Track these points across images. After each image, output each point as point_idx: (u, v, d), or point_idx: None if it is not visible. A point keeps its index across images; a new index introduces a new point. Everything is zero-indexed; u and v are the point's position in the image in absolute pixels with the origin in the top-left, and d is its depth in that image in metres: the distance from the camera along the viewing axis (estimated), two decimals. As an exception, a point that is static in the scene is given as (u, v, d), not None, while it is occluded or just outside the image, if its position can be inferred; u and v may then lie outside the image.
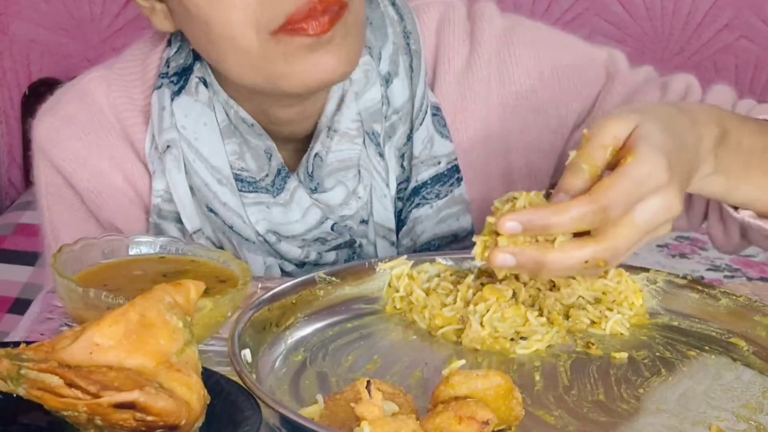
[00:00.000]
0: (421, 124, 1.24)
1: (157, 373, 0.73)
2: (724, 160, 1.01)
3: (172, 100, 1.22)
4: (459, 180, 1.26)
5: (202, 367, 0.77)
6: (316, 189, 1.21)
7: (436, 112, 1.25)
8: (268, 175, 1.21)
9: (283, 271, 1.24)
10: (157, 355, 0.74)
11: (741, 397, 0.89)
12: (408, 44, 1.24)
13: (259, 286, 1.06)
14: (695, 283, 1.04)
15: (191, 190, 1.22)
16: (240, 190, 1.21)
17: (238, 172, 1.21)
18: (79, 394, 0.70)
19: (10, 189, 2.98)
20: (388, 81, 1.22)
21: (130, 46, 1.31)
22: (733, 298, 1.01)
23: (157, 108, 1.23)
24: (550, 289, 1.02)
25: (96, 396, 0.70)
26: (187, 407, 0.72)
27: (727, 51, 2.87)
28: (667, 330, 1.01)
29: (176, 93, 1.22)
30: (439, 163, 1.25)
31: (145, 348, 0.74)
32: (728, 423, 0.84)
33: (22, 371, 0.71)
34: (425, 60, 1.25)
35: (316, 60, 1.09)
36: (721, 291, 1.02)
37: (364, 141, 1.21)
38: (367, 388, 0.73)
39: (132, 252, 0.97)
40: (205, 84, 1.21)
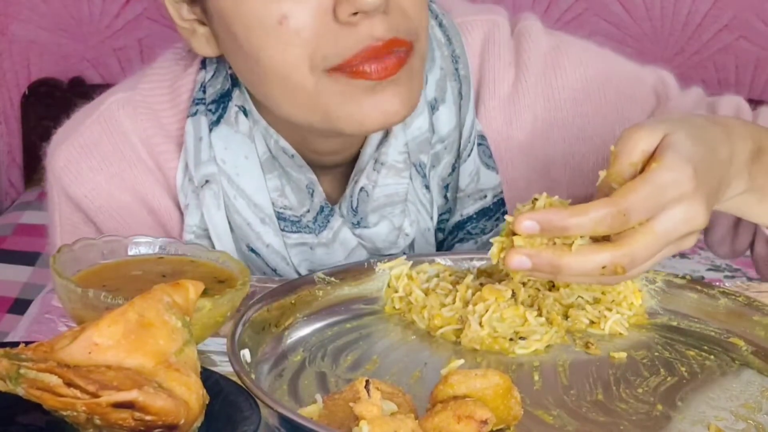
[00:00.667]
0: (469, 156, 1.18)
1: (155, 373, 0.73)
2: (759, 178, 0.98)
3: (210, 130, 1.14)
4: (504, 213, 1.20)
5: (201, 367, 0.77)
6: (359, 224, 1.16)
7: (482, 142, 1.20)
8: (309, 211, 1.15)
9: None
10: (156, 355, 0.74)
11: (740, 397, 0.89)
12: (456, 69, 1.18)
13: (258, 287, 1.06)
14: (694, 283, 1.04)
15: (230, 226, 1.16)
16: (283, 230, 1.15)
17: (281, 210, 1.15)
18: (78, 394, 0.70)
19: (10, 189, 2.98)
20: (433, 108, 1.16)
21: (153, 63, 1.23)
22: (733, 298, 1.01)
23: (193, 138, 1.15)
24: (549, 289, 1.02)
25: (95, 395, 0.70)
26: (185, 407, 0.72)
27: (727, 51, 2.87)
28: (666, 330, 1.01)
29: (215, 123, 1.14)
30: (485, 197, 1.20)
31: (144, 348, 0.74)
32: (727, 422, 0.84)
33: (21, 371, 0.71)
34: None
35: (377, 103, 1.02)
36: (721, 291, 1.02)
37: (411, 174, 1.15)
38: (366, 387, 0.73)
39: (131, 252, 0.97)
40: (245, 113, 1.14)
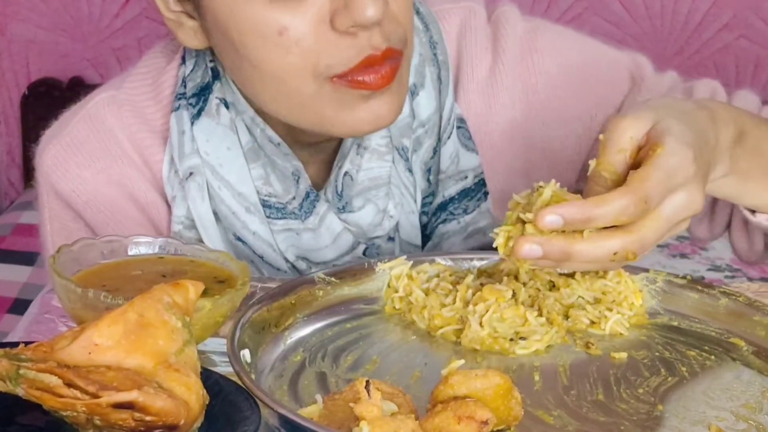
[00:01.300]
0: (449, 138, 1.20)
1: (155, 373, 0.73)
2: (740, 161, 0.99)
3: (192, 123, 1.16)
4: (486, 194, 1.23)
5: (201, 367, 0.77)
6: (344, 208, 1.18)
7: (461, 125, 1.22)
8: (295, 198, 1.17)
9: None
10: (156, 355, 0.74)
11: (740, 397, 0.89)
12: (435, 54, 1.20)
13: (259, 287, 1.06)
14: (695, 283, 1.04)
15: (215, 217, 1.18)
16: (268, 217, 1.17)
17: (266, 198, 1.17)
18: (78, 394, 0.70)
19: (10, 189, 2.98)
20: (413, 93, 1.18)
21: (137, 62, 1.25)
22: (733, 298, 1.01)
23: (176, 132, 1.17)
24: (550, 290, 1.02)
25: (95, 396, 0.70)
26: (186, 407, 0.72)
27: (727, 51, 2.87)
28: (666, 330, 1.01)
29: (195, 116, 1.16)
30: (466, 178, 1.22)
31: (144, 348, 0.74)
32: (728, 423, 0.84)
33: (21, 371, 0.71)
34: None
35: (370, 108, 1.05)
36: (721, 291, 1.02)
37: (393, 157, 1.18)
38: (366, 388, 0.73)
39: (131, 252, 0.97)
40: (226, 105, 1.16)
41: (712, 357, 0.96)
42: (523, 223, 0.88)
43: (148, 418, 0.70)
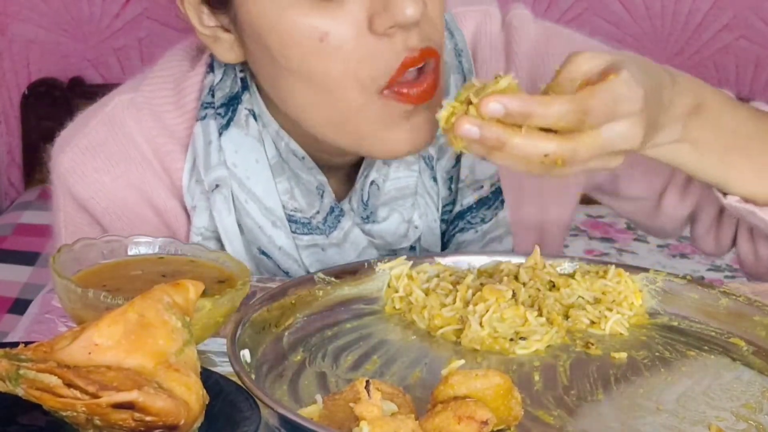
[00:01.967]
0: None
1: (155, 373, 0.73)
2: (694, 131, 1.01)
3: (220, 134, 1.14)
4: (502, 203, 1.22)
5: (201, 367, 0.77)
6: (369, 218, 1.17)
7: None
8: (319, 212, 1.16)
9: None
10: (156, 355, 0.74)
11: (740, 397, 0.89)
12: (460, 62, 1.19)
13: (259, 287, 1.06)
14: (695, 283, 1.04)
15: (240, 229, 1.16)
16: (294, 232, 1.15)
17: (292, 213, 1.15)
18: (78, 394, 0.70)
19: (10, 189, 2.98)
20: None
21: (155, 64, 1.22)
22: (733, 298, 1.01)
23: (202, 142, 1.15)
24: (550, 290, 1.02)
25: (95, 396, 0.70)
26: (186, 407, 0.72)
27: (727, 51, 2.87)
28: (666, 330, 1.01)
29: (224, 126, 1.14)
30: (482, 187, 1.21)
31: (144, 348, 0.74)
32: (728, 423, 0.84)
33: (21, 371, 0.71)
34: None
35: (411, 129, 1.05)
36: (721, 291, 1.02)
37: (420, 166, 1.17)
38: (366, 388, 0.73)
39: (131, 252, 0.97)
40: (254, 116, 1.14)
41: (712, 357, 0.96)
42: (470, 105, 0.90)
43: (148, 418, 0.70)
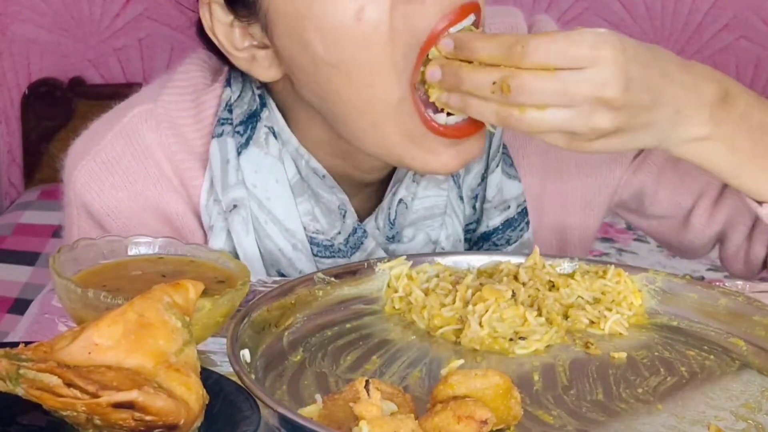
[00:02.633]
0: (497, 166, 1.17)
1: (155, 373, 0.73)
2: (725, 126, 0.98)
3: (239, 153, 1.10)
4: (527, 224, 1.20)
5: (201, 367, 0.77)
6: (394, 238, 1.14)
7: (504, 151, 1.18)
8: (340, 233, 1.13)
9: None
10: (156, 355, 0.74)
11: (740, 397, 0.89)
12: None
13: (259, 287, 1.06)
14: (695, 283, 1.04)
15: (259, 251, 1.12)
16: (315, 255, 1.12)
17: (313, 235, 1.12)
18: (78, 394, 0.70)
19: (10, 189, 2.98)
20: None
21: (173, 72, 1.17)
22: (733, 298, 1.01)
23: (219, 160, 1.10)
24: (549, 290, 1.02)
25: (95, 396, 0.70)
26: (185, 407, 0.72)
27: (727, 51, 2.87)
28: (666, 330, 1.01)
29: (243, 145, 1.10)
30: (509, 208, 1.19)
31: (144, 348, 0.74)
32: (727, 422, 0.84)
33: (21, 371, 0.71)
34: None
35: (458, 153, 1.02)
36: (721, 291, 1.02)
37: (449, 185, 1.14)
38: (365, 387, 0.73)
39: (131, 252, 0.97)
40: (274, 134, 1.10)
41: (712, 357, 0.96)
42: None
43: (148, 418, 0.71)
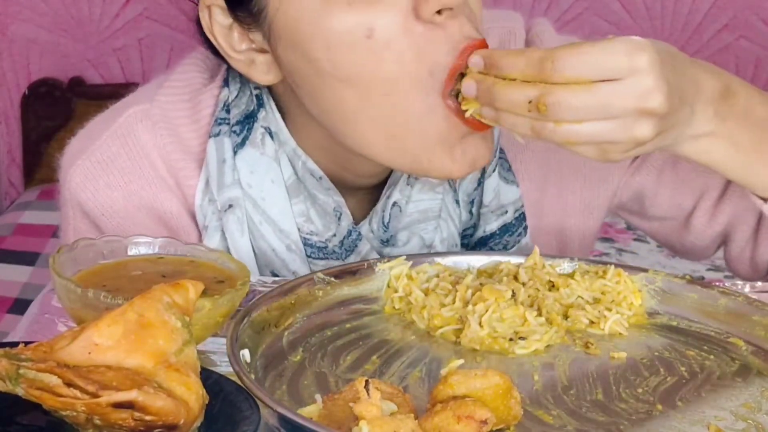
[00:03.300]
0: (493, 171, 1.16)
1: (155, 373, 0.73)
2: (729, 122, 0.97)
3: (235, 152, 1.10)
4: (525, 229, 1.19)
5: (201, 367, 0.77)
6: (388, 242, 1.14)
7: (501, 155, 1.18)
8: (335, 235, 1.13)
9: None
10: (156, 355, 0.74)
11: (740, 397, 0.89)
12: None
13: (259, 287, 1.06)
14: (694, 283, 1.04)
15: (253, 251, 1.12)
16: (309, 256, 1.12)
17: (307, 237, 1.12)
18: (78, 394, 0.70)
19: (10, 189, 2.98)
20: None
21: (170, 73, 1.18)
22: (733, 298, 1.01)
23: (216, 160, 1.11)
24: (549, 290, 1.02)
25: (95, 395, 0.70)
26: (185, 407, 0.72)
27: (727, 51, 2.87)
28: (666, 330, 1.01)
29: (240, 145, 1.10)
30: (506, 212, 1.18)
31: (144, 348, 0.74)
32: (727, 422, 0.84)
33: (21, 371, 0.71)
34: None
35: (468, 150, 1.01)
36: (720, 291, 1.02)
37: (444, 188, 1.14)
38: (365, 387, 0.73)
39: (131, 252, 0.97)
40: (271, 135, 1.10)
41: (712, 357, 0.96)
42: None
43: (148, 418, 0.71)
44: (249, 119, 1.11)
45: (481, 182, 1.17)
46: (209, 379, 0.78)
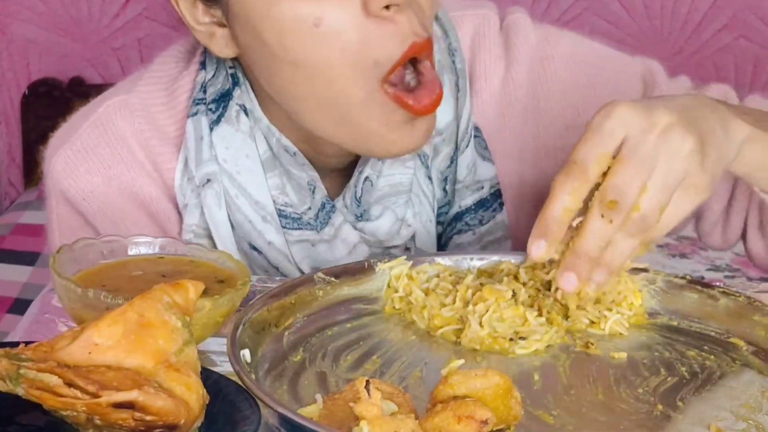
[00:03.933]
0: (467, 147, 1.19)
1: (155, 373, 0.73)
2: (755, 125, 0.97)
3: (211, 129, 1.14)
4: (501, 205, 1.21)
5: (201, 367, 0.77)
6: (362, 216, 1.16)
7: (477, 134, 1.20)
8: (311, 209, 1.15)
9: None
10: (156, 355, 0.74)
11: (740, 397, 0.89)
12: (453, 62, 1.18)
13: (259, 287, 1.06)
14: (695, 282, 1.04)
15: (231, 224, 1.16)
16: (284, 227, 1.15)
17: (282, 208, 1.15)
18: (78, 394, 0.70)
19: (10, 189, 2.98)
20: None
21: (150, 65, 1.22)
22: (733, 298, 1.01)
23: (194, 138, 1.15)
24: (549, 289, 1.01)
25: (95, 395, 0.70)
26: (186, 407, 0.72)
27: (727, 51, 2.87)
28: (666, 330, 1.01)
29: (215, 122, 1.14)
30: (482, 188, 1.21)
31: (144, 348, 0.74)
32: (727, 422, 0.84)
33: (21, 371, 0.71)
34: None
35: (412, 133, 1.05)
36: (721, 291, 1.02)
37: (415, 164, 1.16)
38: (366, 387, 0.73)
39: (131, 252, 0.97)
40: (246, 112, 1.14)
41: (712, 357, 0.96)
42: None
43: (148, 418, 0.71)
44: (224, 97, 1.15)
45: (453, 159, 1.19)
46: (209, 379, 0.78)
